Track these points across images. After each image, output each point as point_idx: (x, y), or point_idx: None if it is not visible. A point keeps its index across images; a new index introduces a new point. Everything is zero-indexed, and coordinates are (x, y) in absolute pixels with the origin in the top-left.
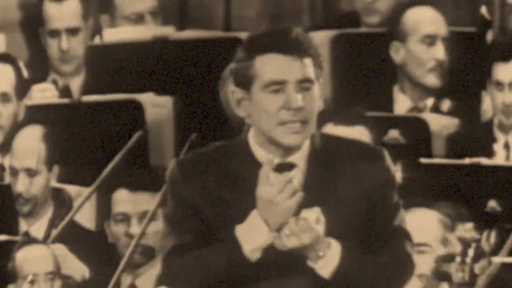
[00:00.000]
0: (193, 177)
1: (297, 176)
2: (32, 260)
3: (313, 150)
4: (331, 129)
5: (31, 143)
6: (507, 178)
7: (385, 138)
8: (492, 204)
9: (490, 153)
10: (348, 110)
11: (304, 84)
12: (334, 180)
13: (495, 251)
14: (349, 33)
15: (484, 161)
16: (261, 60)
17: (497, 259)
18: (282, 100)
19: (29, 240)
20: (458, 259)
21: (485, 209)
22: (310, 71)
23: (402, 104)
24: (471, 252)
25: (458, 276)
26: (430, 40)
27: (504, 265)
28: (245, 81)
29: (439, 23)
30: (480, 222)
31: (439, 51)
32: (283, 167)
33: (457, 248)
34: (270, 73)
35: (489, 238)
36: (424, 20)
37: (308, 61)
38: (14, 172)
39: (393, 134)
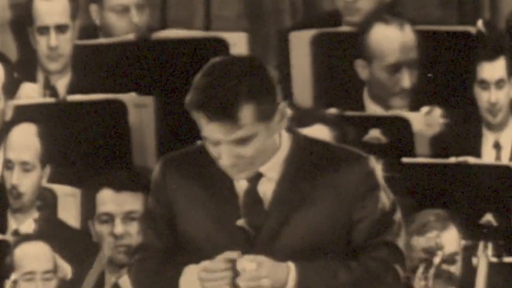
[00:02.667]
0: (172, 176)
1: (269, 185)
2: (31, 257)
3: (292, 155)
4: None
5: (27, 137)
6: (495, 178)
7: (366, 138)
8: (488, 217)
9: (478, 153)
10: (305, 110)
11: (239, 142)
12: (311, 188)
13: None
14: (330, 32)
15: (471, 160)
16: (196, 114)
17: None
18: (218, 152)
19: (29, 236)
20: (421, 268)
21: (479, 220)
22: (246, 128)
23: (370, 106)
24: (437, 260)
25: (420, 284)
26: (394, 68)
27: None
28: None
29: (404, 48)
30: (470, 230)
31: (404, 79)
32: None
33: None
34: (204, 131)
35: (486, 251)
36: (389, 47)
37: (244, 112)
38: (10, 165)
39: (374, 133)
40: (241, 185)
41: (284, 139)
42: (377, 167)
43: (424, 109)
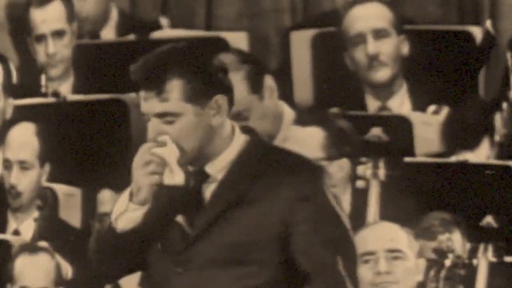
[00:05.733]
0: None
1: (212, 184)
2: (27, 272)
3: (240, 158)
4: (291, 130)
5: (25, 137)
6: (496, 177)
7: (367, 136)
8: (489, 219)
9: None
10: (306, 110)
11: (166, 117)
12: (249, 189)
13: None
14: (331, 32)
15: (472, 159)
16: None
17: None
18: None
19: (33, 247)
20: (433, 270)
21: (480, 222)
22: (172, 103)
23: (371, 104)
24: (448, 262)
25: (431, 286)
26: (359, 39)
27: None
28: None
29: (367, 18)
30: (471, 231)
31: (368, 46)
32: (196, 175)
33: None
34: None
35: (486, 253)
36: (351, 21)
37: (171, 86)
38: (9, 165)
39: (376, 131)
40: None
41: (238, 140)
42: (327, 179)
43: (431, 108)
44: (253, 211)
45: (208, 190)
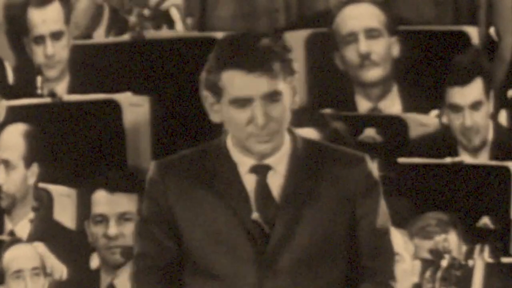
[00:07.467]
0: (171, 179)
1: (277, 179)
2: (18, 257)
3: (294, 154)
4: None
5: (12, 137)
6: (492, 178)
7: (361, 137)
8: (485, 220)
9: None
10: (300, 111)
11: (272, 96)
12: (315, 185)
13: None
14: (324, 32)
15: (467, 160)
16: (226, 75)
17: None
18: (248, 115)
19: (15, 240)
20: (429, 271)
21: (476, 223)
22: (278, 82)
23: (362, 105)
24: (444, 263)
25: (427, 287)
26: (351, 38)
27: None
28: (215, 91)
29: (360, 17)
30: (467, 232)
31: (360, 45)
32: (259, 169)
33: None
34: (234, 90)
35: (482, 254)
36: (344, 20)
37: (276, 67)
38: None
39: (369, 132)
40: (249, 180)
41: (285, 136)
42: (373, 165)
43: (434, 112)
44: (322, 208)
45: (271, 183)
